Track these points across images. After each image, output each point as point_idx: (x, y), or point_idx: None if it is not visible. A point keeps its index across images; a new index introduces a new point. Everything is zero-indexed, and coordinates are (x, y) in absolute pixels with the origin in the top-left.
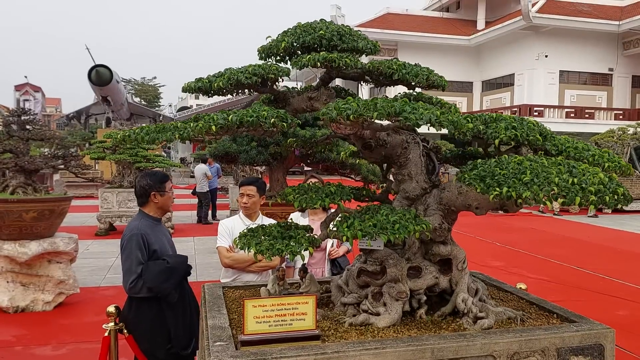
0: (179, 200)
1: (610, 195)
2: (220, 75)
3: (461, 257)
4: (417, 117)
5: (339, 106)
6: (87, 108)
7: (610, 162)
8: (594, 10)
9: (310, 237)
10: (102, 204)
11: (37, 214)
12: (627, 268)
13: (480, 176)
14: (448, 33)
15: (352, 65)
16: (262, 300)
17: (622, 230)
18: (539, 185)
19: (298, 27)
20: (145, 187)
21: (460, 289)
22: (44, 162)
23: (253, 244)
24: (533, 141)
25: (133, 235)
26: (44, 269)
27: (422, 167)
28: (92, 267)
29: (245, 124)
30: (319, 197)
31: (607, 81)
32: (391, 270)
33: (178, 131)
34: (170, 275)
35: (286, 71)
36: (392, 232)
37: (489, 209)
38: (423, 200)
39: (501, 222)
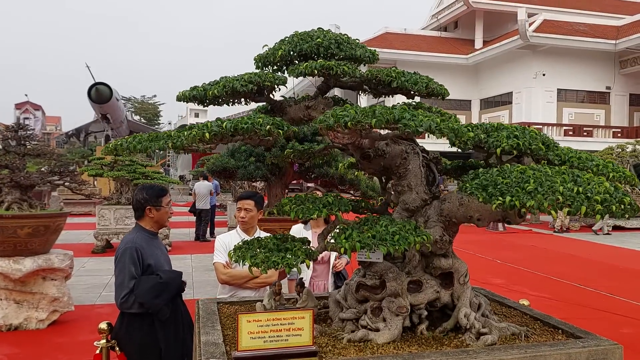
0: (177, 218)
1: (616, 204)
2: (216, 84)
3: (463, 271)
4: (416, 124)
5: (337, 113)
6: (87, 126)
7: (614, 172)
8: (590, 30)
9: (307, 250)
10: (99, 221)
11: (32, 230)
12: (630, 285)
13: (482, 185)
14: (446, 52)
15: (350, 73)
16: (256, 315)
17: (623, 247)
18: (543, 194)
19: (295, 35)
20: (141, 200)
21: (462, 303)
22: (40, 178)
23: (248, 257)
24: (535, 150)
25: (127, 249)
26: (38, 286)
27: (422, 178)
28: (88, 284)
29: (240, 131)
30: (316, 207)
31: (604, 99)
32: (391, 284)
33: (171, 139)
34: (162, 291)
35: (283, 79)
36: (391, 244)
37: (491, 220)
38: (423, 212)
39: (501, 239)
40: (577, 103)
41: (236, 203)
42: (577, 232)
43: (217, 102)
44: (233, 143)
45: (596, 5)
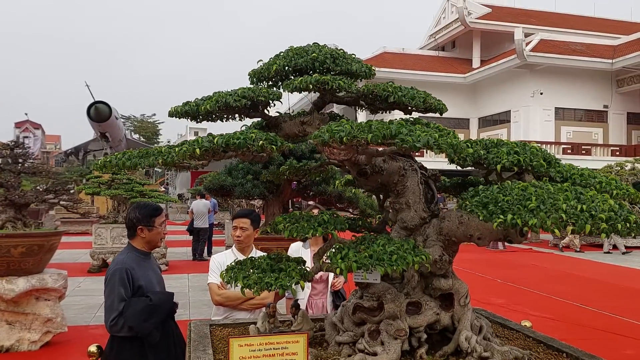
0: (175, 237)
1: (622, 222)
2: (208, 99)
3: (463, 292)
4: (414, 140)
5: (332, 128)
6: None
7: (618, 190)
8: (587, 49)
9: (302, 270)
10: (96, 239)
11: (25, 249)
12: (632, 305)
13: (482, 203)
14: (444, 71)
15: (346, 87)
16: (249, 339)
17: (624, 266)
18: (545, 212)
19: (290, 50)
20: (133, 220)
21: (463, 326)
22: (35, 196)
23: (240, 278)
24: (537, 167)
25: (117, 270)
26: (31, 307)
27: (421, 196)
28: (83, 304)
29: (232, 146)
30: (311, 226)
31: (602, 118)
32: (389, 306)
33: (161, 156)
34: (152, 313)
35: (277, 95)
36: (389, 264)
37: (492, 239)
38: (422, 230)
39: (502, 258)
40: (575, 121)
41: (232, 221)
42: (578, 250)
43: (211, 118)
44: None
45: (592, 25)
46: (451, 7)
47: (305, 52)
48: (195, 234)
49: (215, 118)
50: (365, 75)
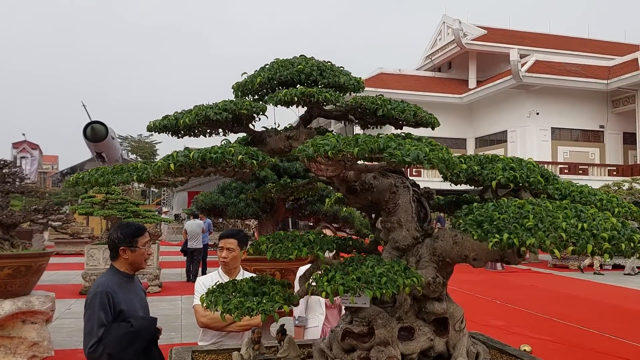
0: (170, 257)
1: (625, 242)
2: (188, 112)
3: (458, 316)
4: (403, 154)
5: (317, 142)
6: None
7: (620, 207)
8: (582, 70)
9: (287, 294)
10: (88, 260)
11: (12, 271)
12: (633, 327)
13: (477, 221)
14: (441, 91)
15: (333, 100)
16: None
17: (624, 287)
18: (544, 231)
19: (275, 62)
20: (115, 240)
21: (459, 353)
22: (23, 216)
23: (220, 302)
24: (534, 183)
25: (97, 293)
26: (17, 330)
27: (413, 214)
28: (72, 327)
29: (209, 161)
30: (295, 246)
31: (598, 138)
32: (380, 331)
33: (137, 172)
34: (133, 340)
35: (262, 108)
36: (378, 287)
37: (488, 260)
38: (415, 251)
39: (500, 279)
40: (572, 141)
41: (220, 240)
42: (577, 271)
43: (192, 133)
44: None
45: (587, 47)
46: (447, 29)
47: (291, 64)
48: (189, 254)
49: (198, 133)
50: (354, 88)
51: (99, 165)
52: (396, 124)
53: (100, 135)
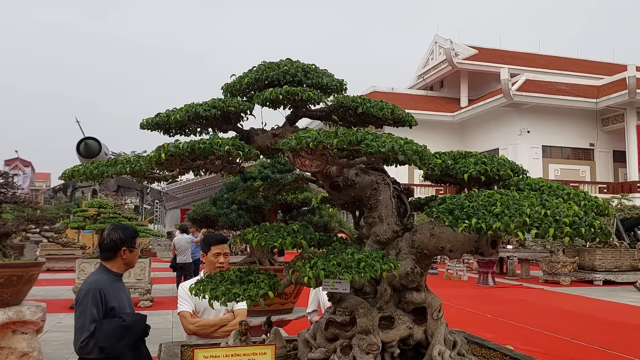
0: (161, 273)
1: (586, 227)
2: (179, 109)
3: (436, 306)
4: (379, 145)
5: (299, 135)
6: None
7: (586, 201)
8: (571, 89)
9: (272, 282)
10: (79, 275)
11: (4, 280)
12: (621, 339)
13: (448, 209)
14: (433, 110)
15: (316, 99)
16: (214, 350)
17: (614, 301)
18: (510, 217)
19: (262, 64)
20: (117, 241)
21: (437, 340)
22: (16, 226)
23: (208, 290)
24: (504, 177)
25: (90, 290)
26: (7, 340)
27: (393, 209)
28: (62, 340)
29: (198, 151)
30: (280, 235)
31: (589, 156)
32: (361, 320)
33: (130, 164)
34: (124, 334)
35: (249, 106)
36: (357, 271)
37: (463, 251)
38: (395, 244)
39: (492, 293)
40: (563, 159)
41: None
42: (568, 286)
43: (183, 131)
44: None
45: (576, 67)
46: (439, 49)
47: (277, 66)
48: (179, 269)
49: (188, 132)
50: (337, 89)
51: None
52: (376, 123)
53: (93, 151)
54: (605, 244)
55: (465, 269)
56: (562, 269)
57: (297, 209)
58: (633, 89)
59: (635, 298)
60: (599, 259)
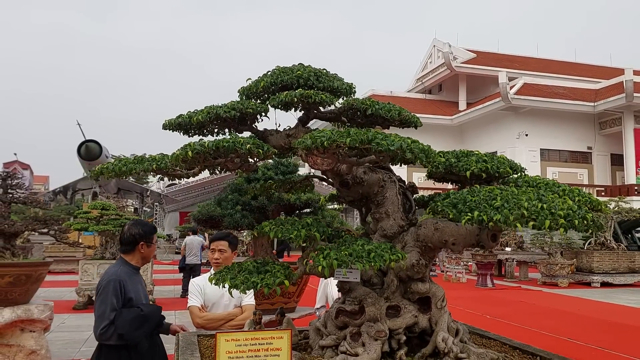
0: (162, 275)
1: (579, 219)
2: (200, 111)
3: (440, 295)
4: (388, 144)
5: (314, 135)
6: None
7: (580, 197)
8: (569, 93)
9: (287, 272)
10: (82, 276)
11: (13, 279)
12: (619, 339)
13: (452, 203)
14: (431, 113)
15: (328, 101)
16: (235, 335)
17: (612, 303)
18: (509, 210)
19: (277, 69)
20: (136, 235)
21: (440, 327)
22: (25, 226)
23: (227, 279)
24: (504, 174)
25: (111, 281)
26: (15, 338)
27: (399, 206)
28: (67, 340)
29: (222, 149)
30: (295, 228)
31: (587, 159)
32: (370, 309)
33: (156, 162)
34: (143, 323)
35: (265, 108)
36: (367, 261)
37: (465, 244)
38: (400, 238)
39: (491, 295)
40: (561, 162)
41: (209, 244)
42: (566, 288)
43: (202, 131)
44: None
45: (574, 70)
46: (437, 52)
47: (291, 70)
48: (187, 270)
49: (207, 132)
50: (346, 92)
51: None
52: (383, 124)
53: (94, 153)
54: (602, 246)
55: (464, 271)
56: (560, 270)
57: (299, 210)
58: (630, 92)
59: (632, 300)
60: (597, 261)
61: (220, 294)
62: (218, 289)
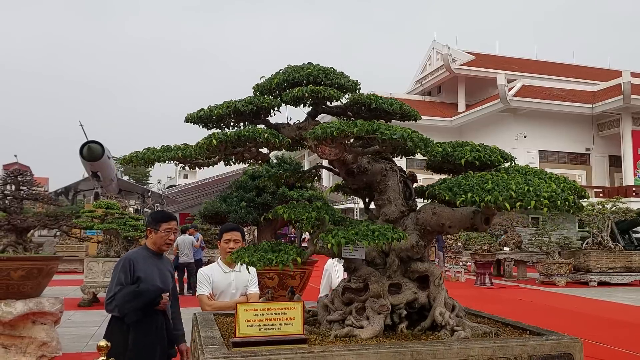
0: None
1: (561, 200)
2: (221, 105)
3: (437, 274)
4: (391, 133)
5: (324, 126)
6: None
7: (565, 183)
8: (567, 95)
9: (299, 250)
10: (87, 273)
11: (25, 273)
12: (614, 335)
13: (448, 187)
14: (431, 115)
15: (336, 96)
16: (253, 305)
17: (609, 301)
18: (499, 192)
19: (288, 67)
20: (146, 223)
21: (438, 303)
22: (37, 221)
23: (245, 256)
24: (495, 162)
25: (122, 259)
26: (27, 330)
27: (400, 193)
28: (74, 334)
29: (243, 137)
30: (307, 210)
31: (585, 160)
32: (373, 286)
33: (181, 151)
34: (134, 297)
35: (277, 103)
36: (372, 238)
37: (460, 227)
38: (401, 222)
39: (489, 294)
40: (559, 164)
41: (221, 234)
42: (564, 287)
43: (220, 125)
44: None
45: (572, 72)
46: (436, 54)
47: (301, 68)
48: (180, 269)
49: (224, 126)
50: (352, 88)
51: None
52: (386, 117)
53: (96, 154)
54: (600, 245)
55: (463, 270)
56: (557, 270)
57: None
58: (628, 94)
59: (629, 298)
60: (594, 260)
61: (228, 283)
62: (225, 278)
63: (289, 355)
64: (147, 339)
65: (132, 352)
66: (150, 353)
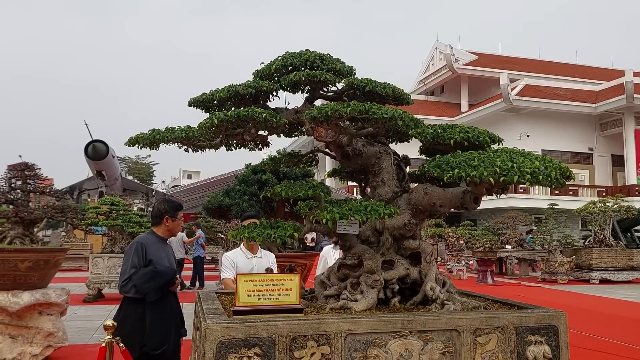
0: None
1: (543, 176)
2: (222, 89)
3: (428, 251)
4: (382, 112)
5: (319, 107)
6: (81, 183)
7: (550, 164)
8: (570, 94)
9: (295, 226)
10: (92, 269)
11: (32, 264)
12: (614, 329)
13: (437, 165)
14: (434, 114)
15: (331, 80)
16: (253, 276)
17: (610, 297)
18: (484, 168)
19: (286, 54)
20: (162, 210)
21: (429, 278)
22: (44, 213)
23: (246, 233)
24: (483, 143)
25: (134, 243)
26: (34, 321)
27: (394, 175)
28: (80, 327)
29: (242, 117)
30: (303, 188)
31: (588, 160)
32: (367, 262)
33: (184, 131)
34: (153, 277)
35: (275, 87)
36: (364, 214)
37: (451, 206)
38: (395, 202)
39: (490, 291)
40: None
41: (241, 222)
42: (565, 285)
43: (221, 108)
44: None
45: (575, 72)
46: (439, 54)
47: (299, 54)
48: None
49: (227, 107)
50: (347, 73)
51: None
52: (380, 101)
53: (101, 153)
54: (601, 243)
55: (465, 268)
56: (559, 267)
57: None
58: (631, 94)
59: (630, 295)
60: (596, 258)
61: (250, 267)
62: (248, 263)
63: (285, 322)
64: (163, 318)
65: (150, 331)
66: (166, 331)
